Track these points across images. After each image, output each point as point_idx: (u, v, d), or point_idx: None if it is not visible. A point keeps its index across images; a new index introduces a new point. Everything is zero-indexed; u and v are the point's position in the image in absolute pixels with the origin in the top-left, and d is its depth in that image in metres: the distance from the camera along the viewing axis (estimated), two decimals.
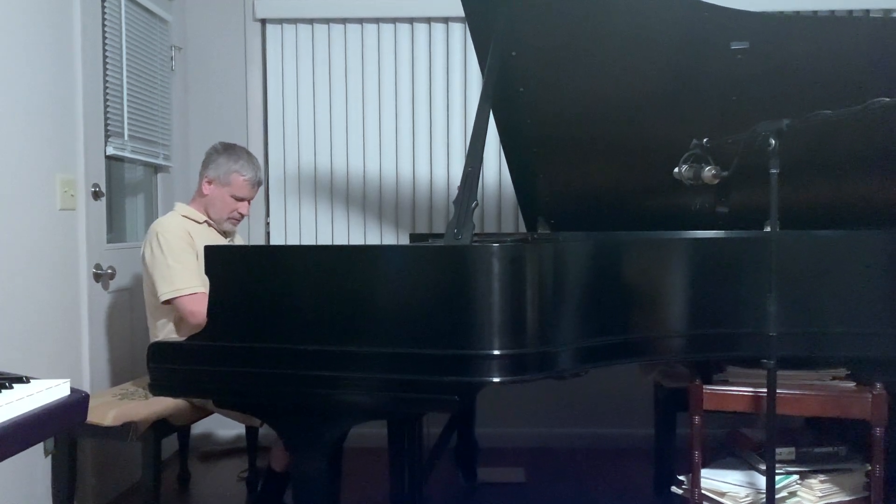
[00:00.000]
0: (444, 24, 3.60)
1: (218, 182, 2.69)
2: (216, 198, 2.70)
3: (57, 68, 2.56)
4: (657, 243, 2.20)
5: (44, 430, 1.15)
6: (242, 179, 2.70)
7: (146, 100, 3.24)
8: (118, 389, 2.67)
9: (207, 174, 2.70)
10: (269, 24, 3.66)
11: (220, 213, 2.72)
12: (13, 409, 1.08)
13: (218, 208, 2.71)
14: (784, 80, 2.36)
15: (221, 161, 2.69)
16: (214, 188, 2.70)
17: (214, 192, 2.70)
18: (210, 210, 2.72)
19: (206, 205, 2.71)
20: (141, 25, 3.20)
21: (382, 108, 3.65)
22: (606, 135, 2.61)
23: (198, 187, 2.75)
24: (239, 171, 2.69)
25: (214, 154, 2.72)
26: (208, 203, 2.71)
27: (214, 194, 2.70)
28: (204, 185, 2.71)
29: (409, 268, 1.84)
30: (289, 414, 1.93)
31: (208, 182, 2.70)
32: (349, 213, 3.69)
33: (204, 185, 2.71)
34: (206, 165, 2.72)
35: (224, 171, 2.68)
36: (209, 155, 2.74)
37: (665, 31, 2.33)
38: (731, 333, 2.10)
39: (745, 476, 2.19)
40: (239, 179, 2.70)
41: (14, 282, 2.31)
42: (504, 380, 1.78)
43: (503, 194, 3.63)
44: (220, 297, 1.92)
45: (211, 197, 2.70)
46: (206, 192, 2.70)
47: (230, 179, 2.69)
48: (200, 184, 2.73)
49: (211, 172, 2.69)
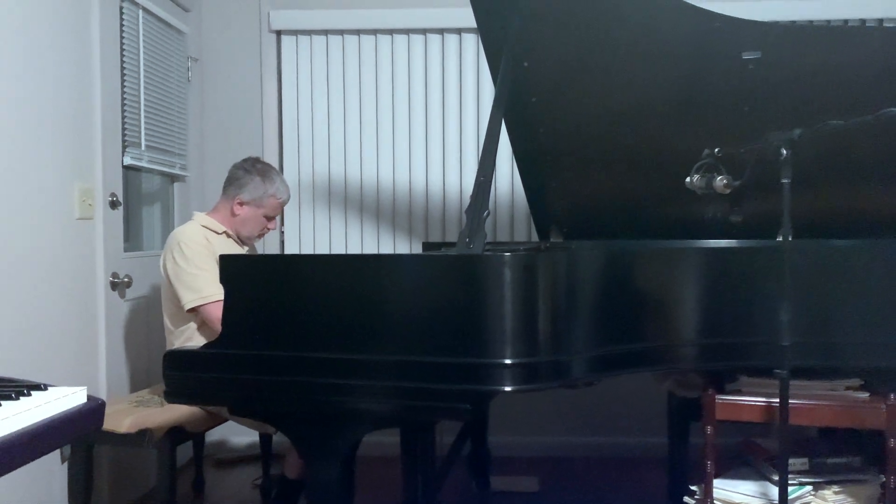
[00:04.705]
0: (458, 35, 3.62)
1: (252, 204, 2.70)
2: (249, 218, 2.71)
3: (75, 79, 2.60)
4: (669, 252, 2.21)
5: (61, 437, 1.17)
6: (278, 202, 2.74)
7: (163, 110, 3.28)
8: (134, 397, 2.69)
9: (241, 196, 2.68)
10: (285, 35, 3.69)
11: (252, 232, 2.75)
12: (31, 417, 1.10)
13: (250, 228, 2.73)
14: (797, 90, 2.36)
15: (256, 184, 2.69)
16: (248, 210, 2.70)
17: (247, 214, 2.71)
18: (241, 229, 2.73)
19: (237, 224, 2.72)
20: (158, 37, 3.25)
21: (396, 119, 3.67)
22: (618, 144, 2.61)
23: (224, 204, 2.73)
24: (275, 194, 2.71)
25: (246, 175, 2.70)
26: (239, 223, 2.71)
27: (248, 215, 2.71)
28: (235, 207, 2.69)
29: (421, 277, 1.86)
30: (302, 422, 1.94)
31: (240, 204, 2.69)
32: (363, 222, 3.71)
33: (235, 207, 2.69)
34: (240, 187, 2.69)
35: (260, 194, 2.69)
36: (241, 176, 2.70)
37: (677, 42, 2.34)
38: (744, 343, 2.09)
39: (758, 486, 2.18)
40: (274, 202, 2.73)
41: (32, 289, 2.34)
42: (516, 388, 1.79)
43: (516, 203, 3.64)
44: (235, 306, 1.93)
45: (243, 217, 2.71)
46: (238, 213, 2.70)
47: (265, 202, 2.71)
48: (230, 203, 2.70)
49: (245, 195, 2.68)
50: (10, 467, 1.05)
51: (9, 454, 1.03)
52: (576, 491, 3.19)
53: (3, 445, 1.02)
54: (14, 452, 1.04)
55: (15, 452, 1.04)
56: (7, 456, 1.03)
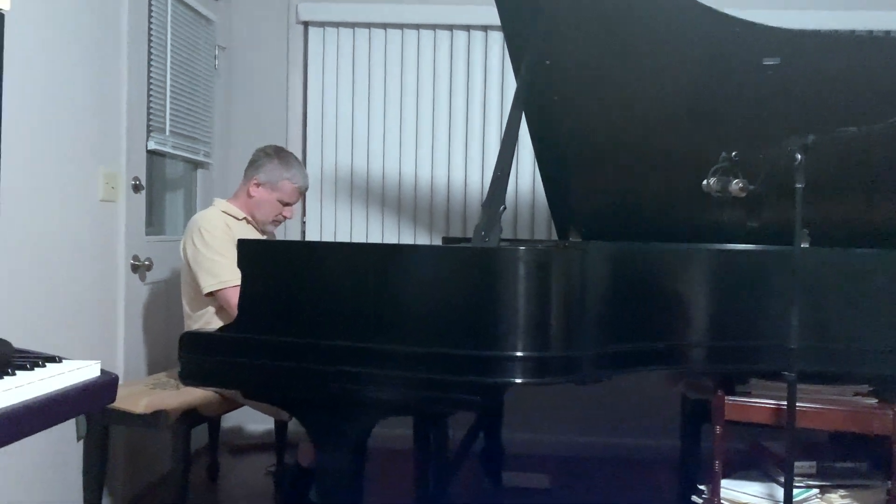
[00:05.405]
0: (484, 32, 3.63)
1: (267, 186, 2.74)
2: (263, 201, 2.75)
3: (103, 64, 2.64)
4: (681, 253, 2.20)
5: (73, 407, 1.20)
6: (293, 187, 2.77)
7: (189, 97, 3.32)
8: (151, 379, 2.73)
9: (257, 177, 2.74)
10: (312, 27, 3.72)
11: (266, 216, 2.77)
12: (45, 386, 1.13)
13: (264, 211, 2.76)
14: (815, 97, 2.34)
15: (273, 166, 2.74)
16: (263, 191, 2.74)
17: (262, 196, 2.74)
18: (256, 212, 2.76)
19: (252, 206, 2.76)
20: (187, 25, 3.29)
21: (420, 114, 3.69)
22: (637, 146, 2.61)
23: (242, 187, 2.79)
24: (290, 179, 2.75)
25: (265, 158, 2.76)
26: (254, 205, 2.76)
27: (262, 197, 2.75)
28: (252, 188, 2.74)
29: (436, 268, 1.88)
30: (314, 407, 1.97)
31: (257, 184, 2.74)
32: (384, 215, 3.73)
33: (252, 188, 2.74)
34: (257, 168, 2.75)
35: (275, 177, 2.73)
36: (259, 158, 2.77)
37: (698, 46, 2.33)
38: (755, 346, 2.09)
39: (765, 488, 2.19)
40: (289, 186, 2.76)
41: (55, 269, 2.38)
42: (526, 381, 1.80)
43: (536, 202, 3.65)
44: (251, 290, 1.96)
45: (258, 199, 2.75)
46: (254, 195, 2.74)
47: (280, 185, 2.74)
48: (247, 185, 2.76)
49: (262, 176, 2.74)
50: (23, 434, 1.08)
51: (22, 421, 1.07)
52: (587, 490, 3.20)
53: (17, 412, 1.05)
54: (27, 420, 1.08)
55: (28, 420, 1.08)
56: (20, 422, 1.06)
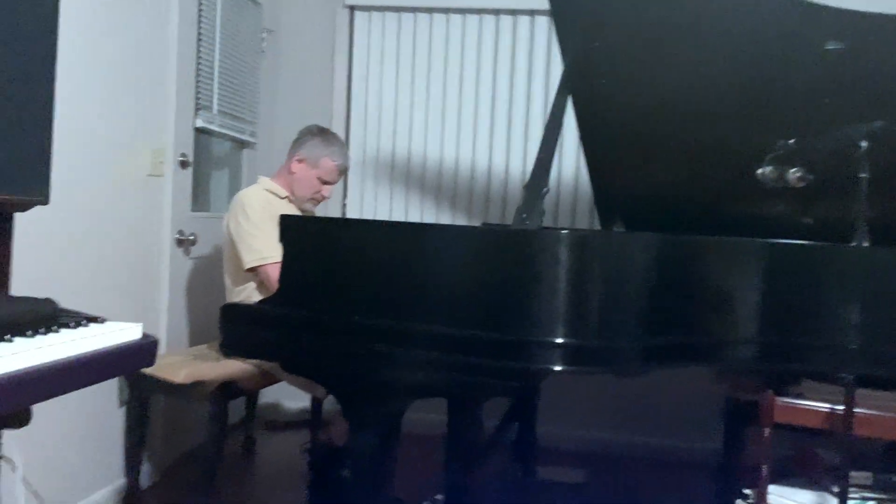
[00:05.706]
0: (530, 16, 3.59)
1: (308, 162, 2.76)
2: (303, 177, 2.77)
3: (153, 44, 2.68)
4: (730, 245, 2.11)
5: (114, 367, 1.21)
6: (333, 165, 2.78)
7: (236, 78, 3.35)
8: (192, 351, 2.77)
9: (299, 153, 2.77)
10: (358, 11, 3.73)
11: (304, 193, 2.79)
12: (88, 345, 1.15)
13: (303, 187, 2.78)
14: (880, 84, 2.25)
15: (315, 143, 2.77)
16: (303, 167, 2.76)
17: (302, 172, 2.76)
18: (295, 188, 2.78)
19: (292, 182, 2.78)
20: (235, 7, 3.31)
21: (463, 99, 3.67)
22: (688, 133, 2.53)
23: (285, 164, 2.82)
24: (330, 156, 2.77)
25: (309, 135, 2.79)
26: (294, 181, 2.78)
27: (302, 174, 2.77)
28: (293, 164, 2.77)
29: (476, 249, 1.83)
30: (349, 384, 1.96)
31: (298, 160, 2.76)
32: (423, 199, 3.73)
33: (293, 164, 2.77)
34: (300, 145, 2.79)
35: (316, 154, 2.75)
36: (303, 135, 2.81)
37: (756, 28, 2.24)
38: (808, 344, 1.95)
39: (815, 496, 2.08)
40: (329, 164, 2.77)
41: (102, 240, 2.43)
42: (565, 369, 1.75)
43: (579, 191, 3.60)
44: (292, 266, 1.96)
45: (298, 175, 2.77)
46: (294, 171, 2.77)
47: (320, 163, 2.76)
48: (290, 161, 2.79)
49: (303, 152, 2.76)
50: (66, 389, 1.10)
51: (66, 376, 1.09)
52: (623, 488, 3.15)
53: (61, 367, 1.07)
54: (69, 375, 1.09)
55: (70, 375, 1.10)
56: (62, 377, 1.08)
